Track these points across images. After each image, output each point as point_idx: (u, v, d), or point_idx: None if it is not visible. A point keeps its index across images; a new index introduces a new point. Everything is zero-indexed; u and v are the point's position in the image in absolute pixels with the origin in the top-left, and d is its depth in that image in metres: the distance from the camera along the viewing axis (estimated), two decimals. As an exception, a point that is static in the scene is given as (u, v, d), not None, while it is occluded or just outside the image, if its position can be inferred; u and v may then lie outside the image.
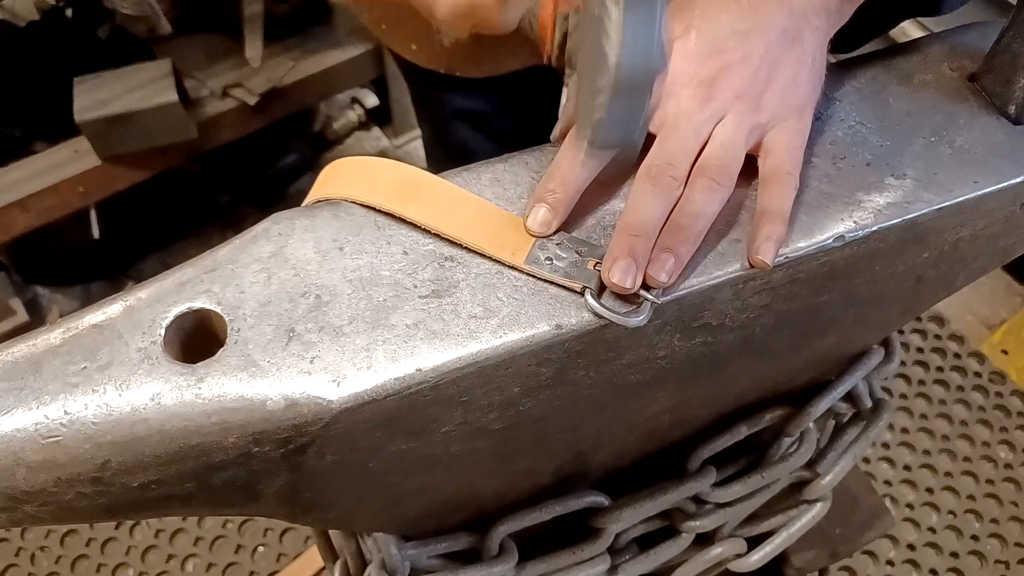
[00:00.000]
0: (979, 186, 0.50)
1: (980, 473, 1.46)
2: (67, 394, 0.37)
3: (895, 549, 1.39)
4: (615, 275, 0.42)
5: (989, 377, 1.57)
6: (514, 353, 0.41)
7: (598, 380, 0.47)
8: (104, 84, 1.40)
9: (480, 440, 0.48)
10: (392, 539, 0.58)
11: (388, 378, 0.39)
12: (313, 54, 1.62)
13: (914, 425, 1.51)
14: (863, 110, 0.53)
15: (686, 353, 0.49)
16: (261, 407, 0.38)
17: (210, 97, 1.53)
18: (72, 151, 1.45)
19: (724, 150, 0.45)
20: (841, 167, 0.50)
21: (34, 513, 0.39)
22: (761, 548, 0.78)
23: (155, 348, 0.39)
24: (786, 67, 0.47)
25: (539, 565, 0.65)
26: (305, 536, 1.37)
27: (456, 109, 0.88)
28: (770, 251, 0.44)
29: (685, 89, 0.46)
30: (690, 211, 0.44)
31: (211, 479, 0.40)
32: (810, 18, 0.48)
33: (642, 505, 0.66)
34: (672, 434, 0.65)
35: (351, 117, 1.94)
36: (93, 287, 1.71)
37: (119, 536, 1.38)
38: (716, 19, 0.47)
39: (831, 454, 0.74)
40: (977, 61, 0.56)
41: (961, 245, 0.54)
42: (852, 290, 0.53)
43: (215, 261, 0.42)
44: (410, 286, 0.43)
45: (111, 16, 1.52)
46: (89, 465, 0.37)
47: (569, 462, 0.60)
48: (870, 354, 0.69)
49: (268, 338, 0.40)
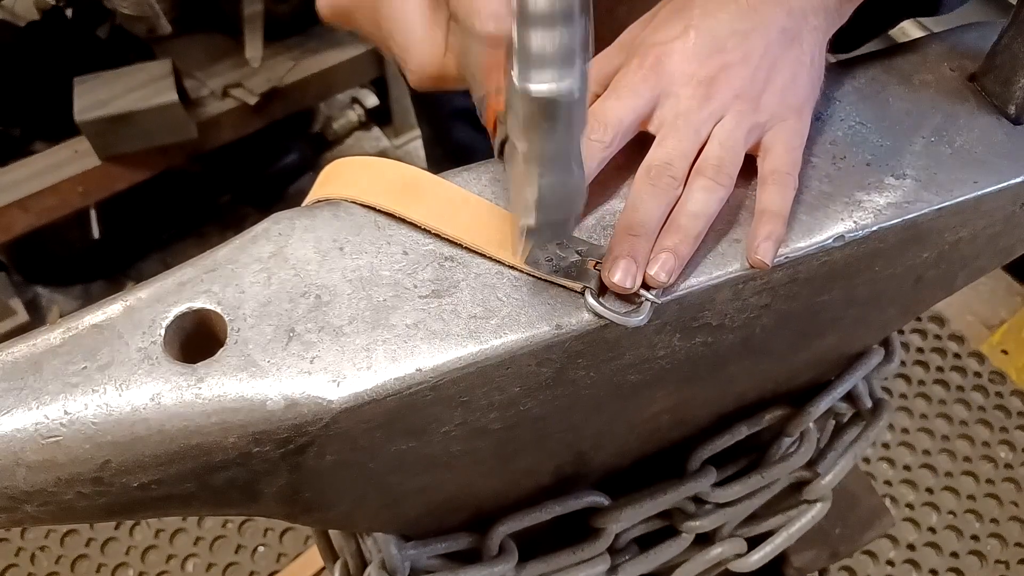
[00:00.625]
0: (979, 186, 0.50)
1: (980, 473, 1.46)
2: (67, 394, 0.37)
3: (895, 549, 1.39)
4: (615, 275, 0.42)
5: (989, 377, 1.57)
6: (514, 353, 0.41)
7: (598, 380, 0.47)
8: (104, 84, 1.40)
9: (480, 440, 0.48)
10: (392, 539, 0.58)
11: (388, 378, 0.39)
12: (313, 54, 1.62)
13: (914, 425, 1.51)
14: (863, 110, 0.53)
15: (686, 353, 0.49)
16: (261, 407, 0.38)
17: (210, 97, 1.53)
18: (72, 151, 1.45)
19: (723, 150, 0.45)
20: (841, 167, 0.50)
21: (34, 513, 0.39)
22: (761, 548, 0.78)
23: (155, 348, 0.39)
24: (785, 67, 0.47)
25: (539, 565, 0.65)
26: (305, 536, 1.37)
27: (455, 108, 0.88)
28: (769, 251, 0.44)
29: (684, 89, 0.46)
30: (690, 211, 0.44)
31: (211, 479, 0.40)
32: (809, 18, 0.48)
33: (642, 505, 0.66)
34: (672, 434, 0.65)
35: (351, 117, 1.93)
36: (93, 287, 1.71)
37: (119, 536, 1.38)
38: (715, 19, 0.47)
39: (831, 454, 0.74)
40: (977, 61, 0.56)
41: (961, 245, 0.54)
42: (852, 290, 0.53)
43: (215, 261, 0.42)
44: (410, 286, 0.43)
45: (111, 16, 1.52)
46: (89, 465, 0.37)
47: (569, 462, 0.60)
48: (870, 354, 0.69)
49: (268, 338, 0.40)
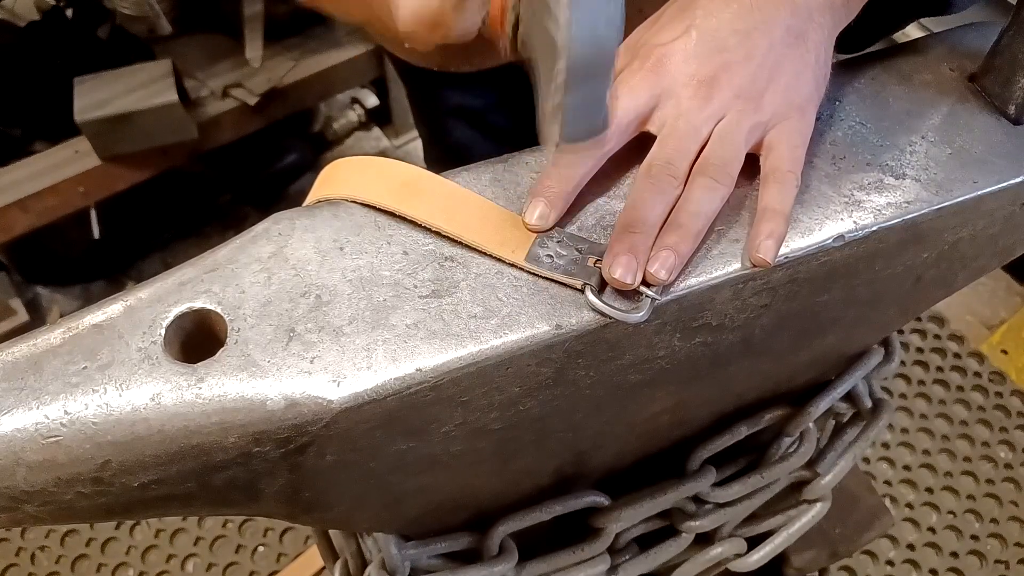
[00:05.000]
0: (979, 186, 0.50)
1: (980, 473, 1.46)
2: (67, 394, 0.37)
3: (895, 549, 1.39)
4: (616, 271, 0.42)
5: (989, 377, 1.57)
6: (514, 353, 0.41)
7: (598, 380, 0.47)
8: (104, 84, 1.40)
9: (480, 440, 0.48)
10: (392, 539, 0.58)
11: (388, 378, 0.39)
12: (313, 54, 1.62)
13: (914, 425, 1.51)
14: (863, 110, 0.53)
15: (686, 353, 0.49)
16: (261, 407, 0.38)
17: (210, 97, 1.53)
18: (72, 151, 1.45)
19: (724, 149, 0.45)
20: (841, 167, 0.50)
21: (34, 513, 0.39)
22: (761, 548, 0.78)
23: (155, 348, 0.39)
24: (789, 65, 0.47)
25: (539, 565, 0.65)
26: (305, 536, 1.37)
27: (452, 107, 0.87)
28: (771, 250, 0.44)
29: (685, 89, 0.46)
30: (690, 209, 0.44)
31: (211, 479, 0.40)
32: (814, 15, 0.48)
33: (642, 505, 0.66)
34: (672, 434, 0.65)
35: (351, 117, 1.94)
36: (93, 287, 1.71)
37: (119, 536, 1.38)
38: (717, 18, 0.47)
39: (831, 454, 0.74)
40: (977, 61, 0.56)
41: (961, 245, 0.54)
42: (852, 290, 0.53)
43: (215, 261, 0.42)
44: (410, 286, 0.43)
45: (111, 16, 1.52)
46: (89, 465, 0.37)
47: (569, 462, 0.60)
48: (870, 354, 0.69)
49: (268, 338, 0.40)
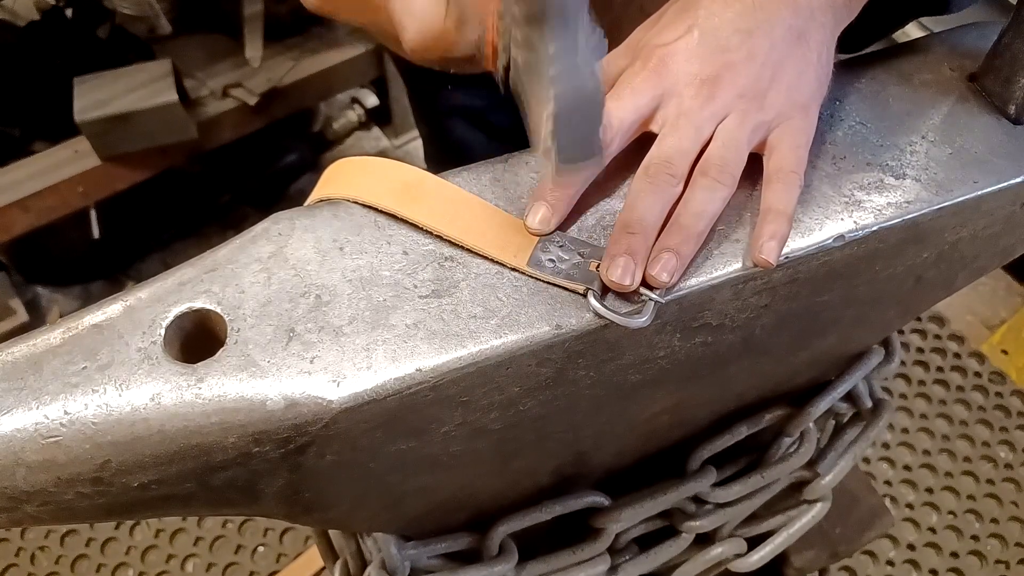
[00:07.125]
0: (979, 186, 0.50)
1: (980, 473, 1.46)
2: (67, 394, 0.37)
3: (895, 549, 1.39)
4: (614, 274, 0.42)
5: (989, 377, 1.57)
6: (514, 353, 0.41)
7: (598, 380, 0.47)
8: (104, 84, 1.40)
9: (480, 440, 0.48)
10: (392, 539, 0.58)
11: (388, 378, 0.39)
12: (313, 54, 1.62)
13: (914, 425, 1.51)
14: (863, 110, 0.53)
15: (686, 353, 0.49)
16: (261, 407, 0.38)
17: (210, 97, 1.53)
18: (72, 151, 1.45)
19: (726, 149, 0.45)
20: (841, 167, 0.50)
21: (34, 513, 0.39)
22: (761, 548, 0.78)
23: (155, 348, 0.39)
24: (791, 64, 0.47)
25: (539, 565, 0.65)
26: (305, 536, 1.37)
27: (452, 106, 0.87)
28: (774, 250, 0.44)
29: (687, 88, 0.46)
30: (692, 210, 0.44)
31: (211, 479, 0.40)
32: (816, 15, 0.48)
33: (642, 505, 0.66)
34: (672, 434, 0.65)
35: (351, 117, 1.94)
36: (93, 287, 1.71)
37: (119, 536, 1.38)
38: (719, 18, 0.47)
39: (831, 454, 0.74)
40: (977, 61, 0.56)
41: (961, 245, 0.54)
42: (852, 290, 0.53)
43: (215, 261, 0.42)
44: (410, 286, 0.43)
45: (111, 16, 1.52)
46: (89, 465, 0.37)
47: (569, 462, 0.60)
48: (870, 354, 0.69)
49: (268, 338, 0.40)
